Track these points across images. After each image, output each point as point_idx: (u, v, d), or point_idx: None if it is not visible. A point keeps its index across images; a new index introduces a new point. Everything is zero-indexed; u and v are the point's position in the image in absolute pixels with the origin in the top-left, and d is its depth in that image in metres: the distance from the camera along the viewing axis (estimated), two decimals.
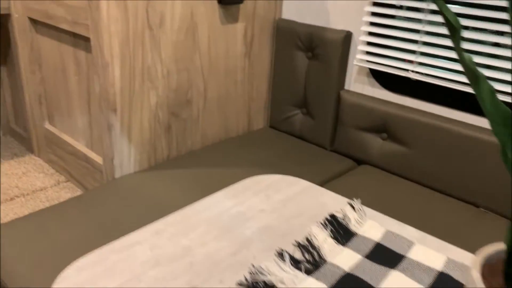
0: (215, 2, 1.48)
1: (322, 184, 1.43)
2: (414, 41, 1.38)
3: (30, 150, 1.89)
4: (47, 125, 1.71)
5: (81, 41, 1.36)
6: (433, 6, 1.30)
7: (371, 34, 1.49)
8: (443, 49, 1.33)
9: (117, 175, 1.40)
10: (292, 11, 1.71)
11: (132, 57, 1.31)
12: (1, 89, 1.92)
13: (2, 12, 1.58)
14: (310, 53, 1.64)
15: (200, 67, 1.52)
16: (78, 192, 1.61)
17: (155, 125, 1.45)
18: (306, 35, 1.63)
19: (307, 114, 1.72)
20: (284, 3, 1.72)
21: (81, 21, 1.28)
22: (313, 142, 1.72)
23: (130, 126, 1.38)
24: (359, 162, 1.62)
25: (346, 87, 1.63)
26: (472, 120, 1.35)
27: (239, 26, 1.59)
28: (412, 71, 1.39)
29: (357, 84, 1.60)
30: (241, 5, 1.55)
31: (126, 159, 1.40)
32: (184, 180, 1.35)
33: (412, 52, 1.39)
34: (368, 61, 1.49)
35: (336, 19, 1.58)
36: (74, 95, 1.51)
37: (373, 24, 1.47)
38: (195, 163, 1.46)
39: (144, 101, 1.39)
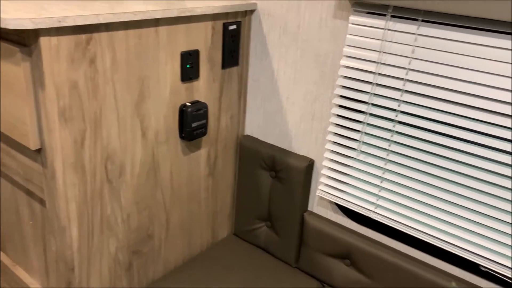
0: (177, 138, 1.45)
1: None
2: (375, 185, 1.40)
3: None
4: (1, 255, 1.62)
5: (36, 194, 1.30)
6: (394, 156, 1.33)
7: (332, 169, 1.50)
8: (403, 197, 1.35)
9: None
10: (255, 129, 1.70)
11: (91, 214, 1.26)
12: None
13: None
14: (274, 173, 1.64)
15: (162, 201, 1.48)
16: None
17: (116, 269, 1.40)
18: (268, 156, 1.62)
19: (271, 228, 1.72)
20: (247, 120, 1.71)
21: (35, 182, 1.23)
22: (279, 257, 1.71)
23: (89, 279, 1.32)
24: (324, 282, 1.62)
25: (310, 207, 1.64)
26: (433, 261, 1.39)
27: (203, 152, 1.57)
28: (374, 212, 1.41)
29: (321, 207, 1.61)
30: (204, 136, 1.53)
31: None
32: None
33: (373, 194, 1.41)
34: (330, 193, 1.50)
35: (298, 143, 1.59)
36: (28, 238, 1.44)
37: (334, 161, 1.48)
38: None
39: (104, 250, 1.34)
